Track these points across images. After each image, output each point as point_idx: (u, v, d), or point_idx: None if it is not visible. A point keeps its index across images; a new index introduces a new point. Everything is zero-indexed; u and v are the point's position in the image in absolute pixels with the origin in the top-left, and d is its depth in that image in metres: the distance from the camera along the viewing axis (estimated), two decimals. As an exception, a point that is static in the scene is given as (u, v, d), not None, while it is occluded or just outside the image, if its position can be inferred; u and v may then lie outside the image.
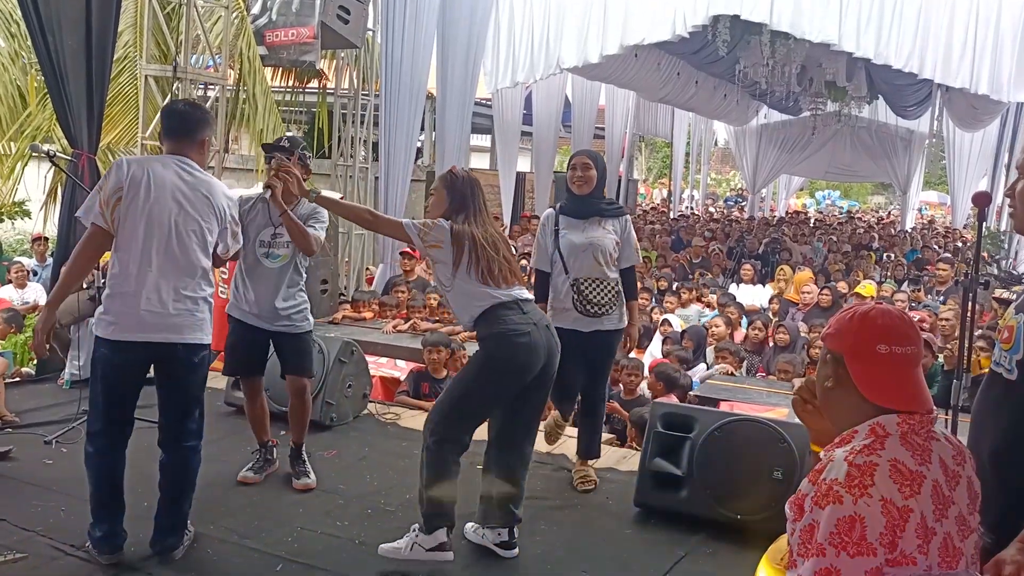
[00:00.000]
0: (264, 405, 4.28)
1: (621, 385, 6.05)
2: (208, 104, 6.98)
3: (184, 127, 3.36)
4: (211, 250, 3.35)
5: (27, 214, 11.39)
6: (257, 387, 4.23)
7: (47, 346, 3.27)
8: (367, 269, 9.93)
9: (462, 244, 3.34)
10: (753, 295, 9.81)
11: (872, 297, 8.19)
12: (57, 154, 5.10)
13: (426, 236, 3.37)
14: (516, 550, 3.53)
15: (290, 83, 11.29)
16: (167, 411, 3.32)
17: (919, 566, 1.57)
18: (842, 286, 9.64)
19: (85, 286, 5.48)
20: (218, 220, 3.34)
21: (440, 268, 3.41)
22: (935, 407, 1.73)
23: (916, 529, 1.56)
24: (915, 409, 1.69)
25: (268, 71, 9.78)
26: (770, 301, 9.27)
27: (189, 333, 3.24)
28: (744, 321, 7.98)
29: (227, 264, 4.09)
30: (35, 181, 9.25)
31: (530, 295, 3.59)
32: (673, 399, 5.52)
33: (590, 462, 4.49)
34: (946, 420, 2.89)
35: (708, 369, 6.68)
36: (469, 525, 3.64)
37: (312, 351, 4.34)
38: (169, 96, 6.78)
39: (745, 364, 6.86)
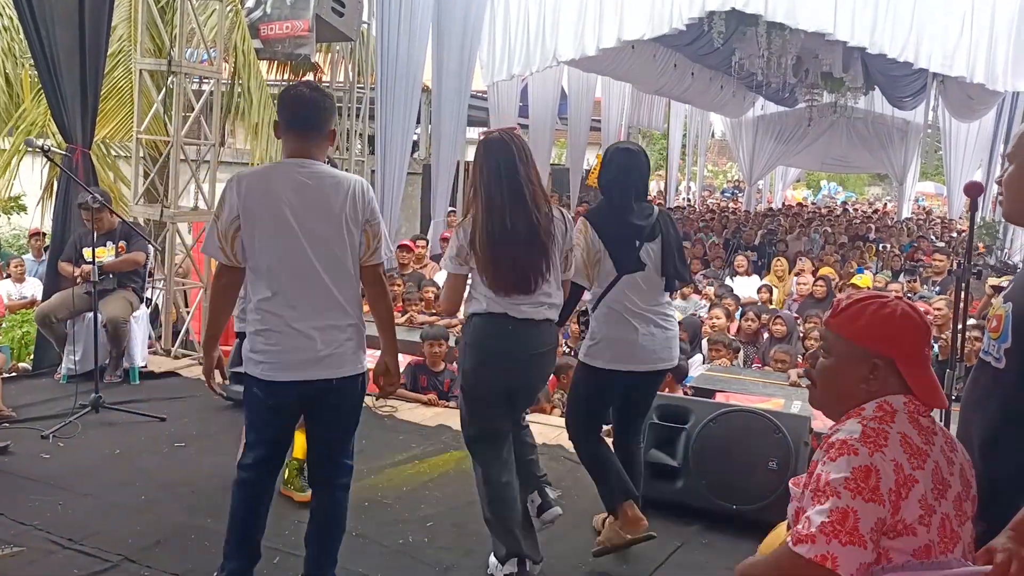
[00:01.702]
0: None
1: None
2: (203, 99, 6.96)
3: (314, 121, 2.82)
4: (356, 262, 2.87)
5: (23, 209, 11.37)
6: None
7: (219, 382, 3.01)
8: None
9: (474, 239, 3.09)
10: (748, 287, 9.82)
11: (868, 288, 8.21)
12: (51, 149, 5.09)
13: (462, 259, 3.14)
14: (557, 508, 3.32)
15: (285, 76, 11.24)
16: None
17: (919, 538, 1.58)
18: (826, 271, 9.68)
19: (81, 281, 5.49)
20: (351, 223, 2.82)
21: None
22: None
23: (919, 501, 1.59)
24: (942, 406, 1.75)
25: (263, 65, 9.73)
26: (759, 291, 9.30)
27: (349, 366, 2.88)
28: (739, 313, 8.02)
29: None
30: (31, 176, 9.22)
31: (546, 314, 3.16)
32: (679, 391, 5.53)
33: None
34: (939, 411, 2.90)
35: (704, 361, 6.69)
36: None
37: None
38: (163, 90, 6.76)
39: (741, 355, 6.87)
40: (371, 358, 3.05)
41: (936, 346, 6.03)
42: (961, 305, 2.79)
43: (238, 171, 2.84)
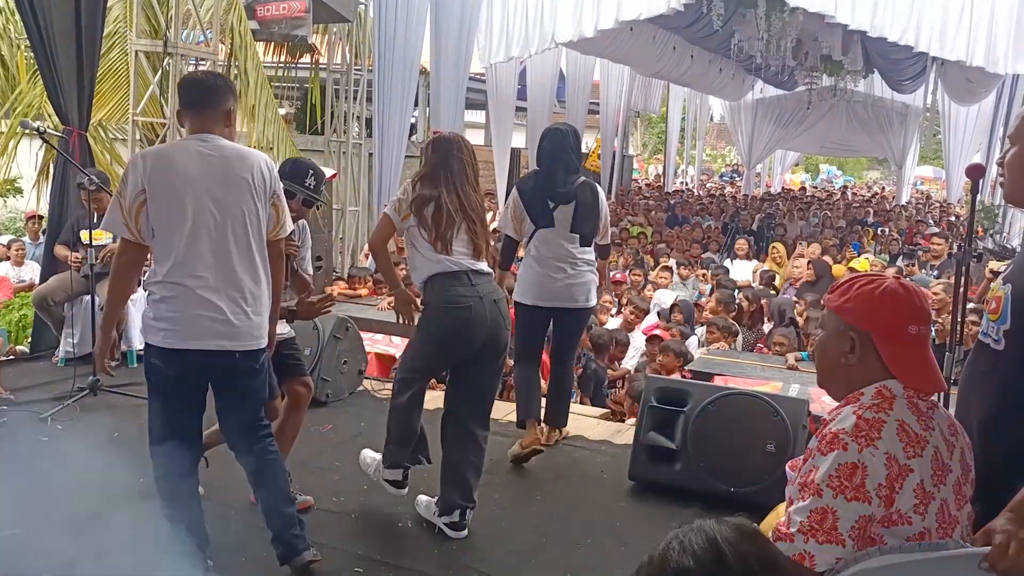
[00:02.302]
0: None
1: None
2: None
3: (205, 98, 2.89)
4: (263, 236, 2.91)
5: (19, 192, 11.33)
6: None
7: (110, 364, 3.03)
8: (362, 247, 9.91)
9: (421, 207, 3.41)
10: (747, 271, 9.82)
11: (866, 272, 8.21)
12: (48, 131, 5.06)
13: (401, 210, 3.47)
14: (465, 532, 3.48)
15: (282, 58, 11.19)
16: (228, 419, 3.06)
17: (915, 526, 1.59)
18: (813, 249, 9.69)
19: (77, 266, 5.47)
20: (257, 197, 2.88)
21: (407, 230, 3.50)
22: None
23: (914, 490, 1.59)
24: (938, 391, 1.73)
25: (260, 46, 9.69)
26: (754, 273, 9.31)
27: (251, 340, 2.89)
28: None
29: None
30: (27, 159, 9.18)
31: (487, 268, 3.56)
32: (676, 375, 5.55)
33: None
34: (939, 393, 2.90)
35: (699, 344, 6.70)
36: (422, 497, 3.65)
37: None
38: (160, 72, 6.72)
39: (740, 339, 6.87)
40: (370, 341, 3.04)
41: (933, 330, 6.04)
42: (961, 288, 2.79)
43: (139, 150, 2.88)
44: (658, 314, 7.37)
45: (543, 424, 4.57)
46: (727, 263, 10.34)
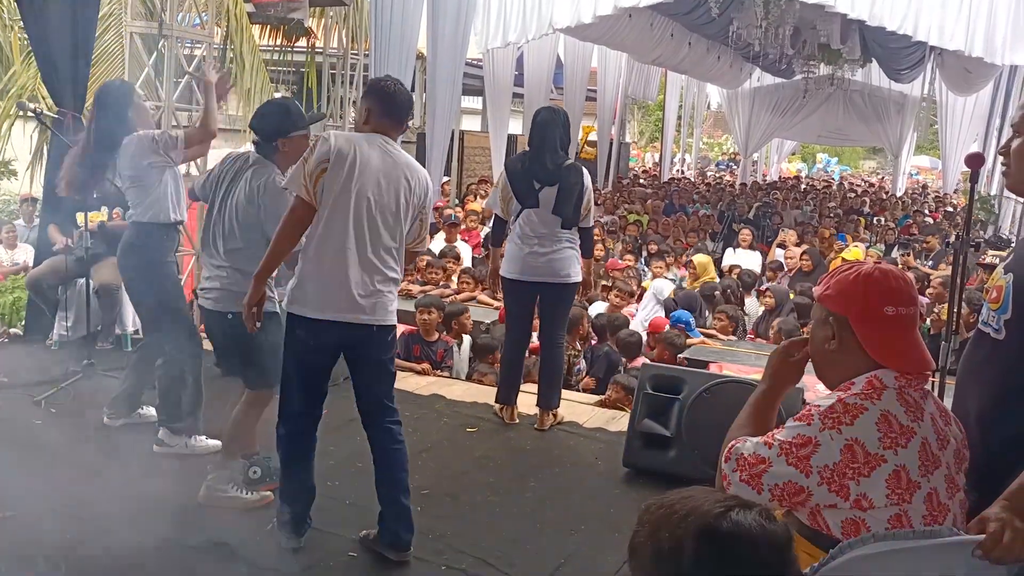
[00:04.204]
0: None
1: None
2: (194, 63, 6.88)
3: (401, 114, 3.19)
4: (403, 239, 3.16)
5: (13, 174, 11.27)
6: None
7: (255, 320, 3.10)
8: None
9: None
10: (750, 260, 9.80)
11: (860, 261, 8.23)
12: (43, 113, 5.02)
13: None
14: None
15: (278, 42, 11.11)
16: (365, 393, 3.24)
17: (888, 510, 1.62)
18: (791, 236, 9.72)
19: (62, 249, 5.44)
20: (412, 207, 3.14)
21: None
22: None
23: (888, 479, 1.60)
24: (922, 370, 1.73)
25: (256, 29, 9.62)
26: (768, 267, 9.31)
27: (381, 314, 3.10)
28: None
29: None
30: (21, 141, 9.13)
31: None
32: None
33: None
34: (933, 383, 2.91)
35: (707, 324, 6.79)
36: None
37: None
38: (155, 55, 6.67)
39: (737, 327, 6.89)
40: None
41: (928, 320, 6.05)
42: (959, 278, 2.79)
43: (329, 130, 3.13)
44: (665, 307, 7.30)
45: (537, 407, 4.68)
46: (729, 253, 10.32)
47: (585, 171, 4.64)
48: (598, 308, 6.90)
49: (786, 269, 9.07)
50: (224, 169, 3.57)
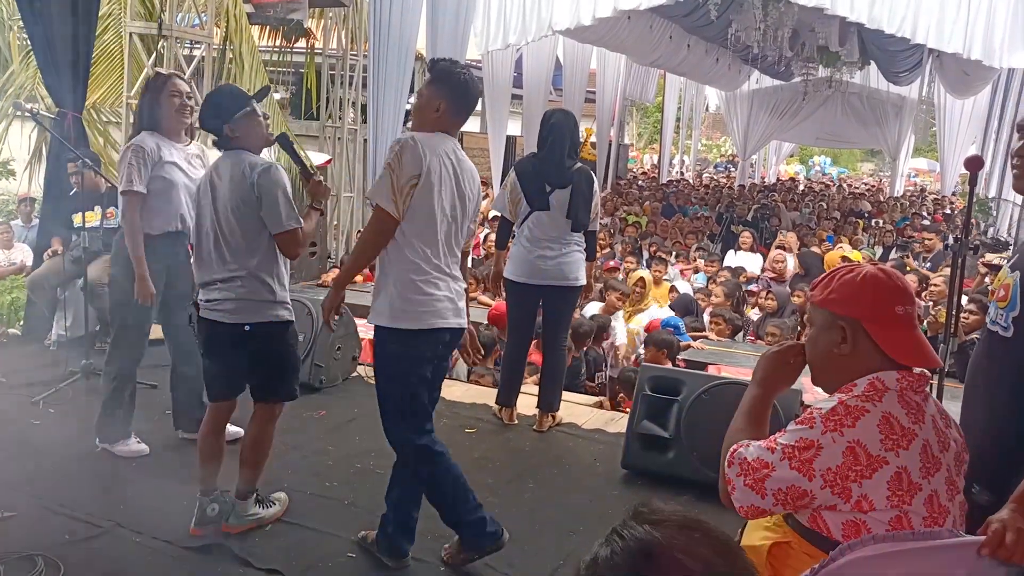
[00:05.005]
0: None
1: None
2: (194, 64, 6.87)
3: (471, 110, 3.09)
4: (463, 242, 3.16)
5: (11, 174, 11.25)
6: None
7: (334, 320, 3.11)
8: (356, 232, 9.89)
9: None
10: (751, 263, 9.80)
11: (857, 263, 8.24)
12: (41, 113, 5.02)
13: None
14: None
15: (277, 43, 11.12)
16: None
17: (889, 512, 1.61)
18: (787, 239, 9.71)
19: (52, 253, 5.43)
20: (468, 212, 3.12)
21: None
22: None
23: (889, 481, 1.60)
24: (934, 365, 1.74)
25: (255, 30, 9.62)
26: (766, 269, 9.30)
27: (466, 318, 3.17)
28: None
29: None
30: (19, 141, 9.12)
31: None
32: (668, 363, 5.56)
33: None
34: (932, 384, 2.91)
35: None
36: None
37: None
38: (154, 55, 6.67)
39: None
40: (364, 328, 3.05)
41: (925, 322, 6.06)
42: (957, 280, 2.79)
43: (404, 134, 3.01)
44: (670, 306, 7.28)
45: (537, 409, 4.69)
46: (730, 255, 10.32)
47: (593, 174, 4.64)
48: (592, 309, 6.90)
49: (774, 273, 9.03)
50: (203, 182, 3.31)
